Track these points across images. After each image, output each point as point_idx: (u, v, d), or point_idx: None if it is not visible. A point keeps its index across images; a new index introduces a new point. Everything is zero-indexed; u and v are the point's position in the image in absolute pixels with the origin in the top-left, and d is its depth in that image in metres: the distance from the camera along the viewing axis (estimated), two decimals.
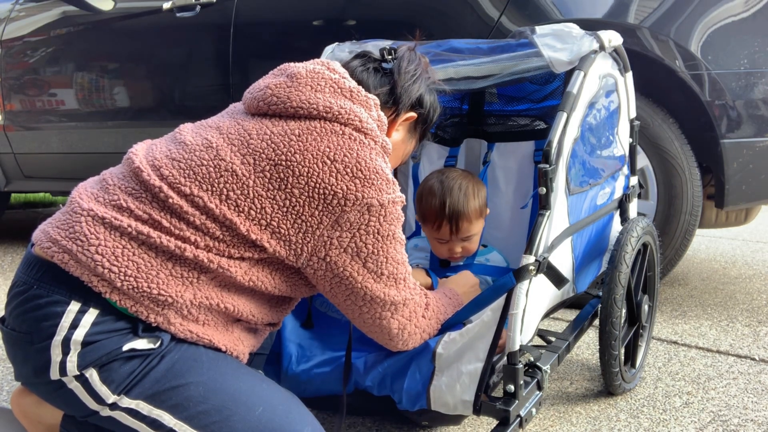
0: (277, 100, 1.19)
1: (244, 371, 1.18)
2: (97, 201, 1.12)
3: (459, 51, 1.73)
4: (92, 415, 1.11)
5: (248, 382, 1.15)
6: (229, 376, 1.14)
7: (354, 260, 1.18)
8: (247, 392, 1.13)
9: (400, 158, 1.46)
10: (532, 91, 1.94)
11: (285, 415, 1.13)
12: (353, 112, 1.20)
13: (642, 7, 2.27)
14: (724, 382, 1.83)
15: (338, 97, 1.21)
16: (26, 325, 1.09)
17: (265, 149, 1.14)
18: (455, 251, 1.75)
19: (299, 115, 1.19)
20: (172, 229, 1.09)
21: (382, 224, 1.19)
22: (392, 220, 1.20)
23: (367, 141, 1.20)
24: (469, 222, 1.72)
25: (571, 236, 1.51)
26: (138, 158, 1.15)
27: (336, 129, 1.18)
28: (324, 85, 1.22)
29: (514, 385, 1.28)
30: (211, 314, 1.15)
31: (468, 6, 2.44)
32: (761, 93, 2.25)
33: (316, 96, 1.19)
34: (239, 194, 1.11)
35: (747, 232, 4.05)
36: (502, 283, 1.28)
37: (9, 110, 3.68)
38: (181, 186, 1.11)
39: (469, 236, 1.74)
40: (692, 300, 2.61)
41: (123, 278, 1.06)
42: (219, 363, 1.15)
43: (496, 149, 2.05)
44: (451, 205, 1.70)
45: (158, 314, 1.09)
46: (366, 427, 1.59)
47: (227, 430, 1.09)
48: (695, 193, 2.34)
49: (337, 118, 1.19)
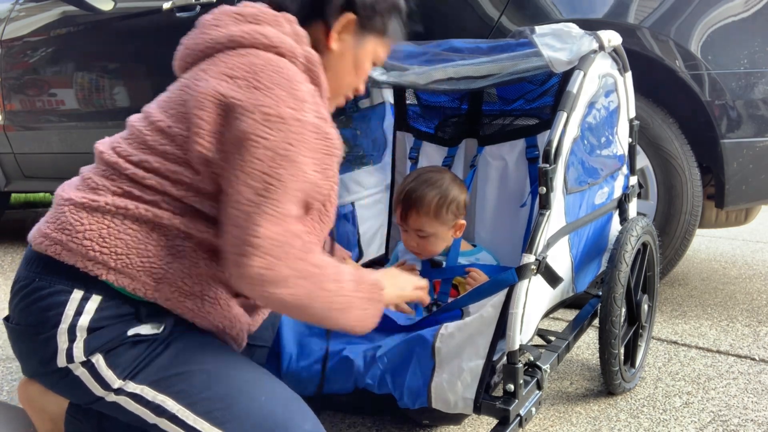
0: (190, 51, 1.19)
1: (248, 363, 1.19)
2: (76, 189, 1.16)
3: (459, 51, 1.74)
4: (97, 401, 1.13)
5: (252, 373, 1.16)
6: (234, 366, 1.15)
7: (240, 176, 1.06)
8: (251, 383, 1.14)
9: (353, 68, 1.30)
10: (529, 90, 1.95)
11: (286, 408, 1.14)
12: (257, 32, 1.14)
13: (642, 7, 2.27)
14: (724, 382, 1.83)
15: (241, 25, 1.16)
16: (32, 317, 1.11)
17: (179, 95, 1.14)
18: (409, 243, 1.75)
19: (207, 55, 1.17)
20: (144, 197, 1.12)
21: (279, 141, 1.05)
22: (296, 142, 1.07)
23: (275, 58, 1.12)
24: (418, 215, 1.71)
25: (568, 235, 1.51)
26: (102, 144, 1.21)
27: (240, 52, 1.13)
28: (226, 20, 1.18)
29: (513, 385, 1.28)
30: (205, 285, 1.15)
31: (468, 6, 2.45)
32: (761, 93, 2.25)
33: (218, 32, 1.16)
34: (168, 144, 1.13)
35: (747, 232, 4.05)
36: (503, 279, 1.28)
37: (9, 110, 3.68)
38: (131, 156, 1.14)
39: (419, 230, 1.73)
40: (692, 300, 2.61)
41: (115, 257, 1.09)
42: (224, 353, 1.17)
43: (488, 147, 2.06)
44: (408, 190, 1.71)
45: (155, 290, 1.11)
46: (366, 427, 1.59)
47: (229, 418, 1.10)
48: (695, 193, 2.34)
49: (241, 44, 1.14)
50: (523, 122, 2.00)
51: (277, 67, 1.10)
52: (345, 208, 2.08)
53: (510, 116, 2.02)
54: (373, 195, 2.21)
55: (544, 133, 1.94)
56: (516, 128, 2.01)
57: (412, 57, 1.78)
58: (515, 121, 2.01)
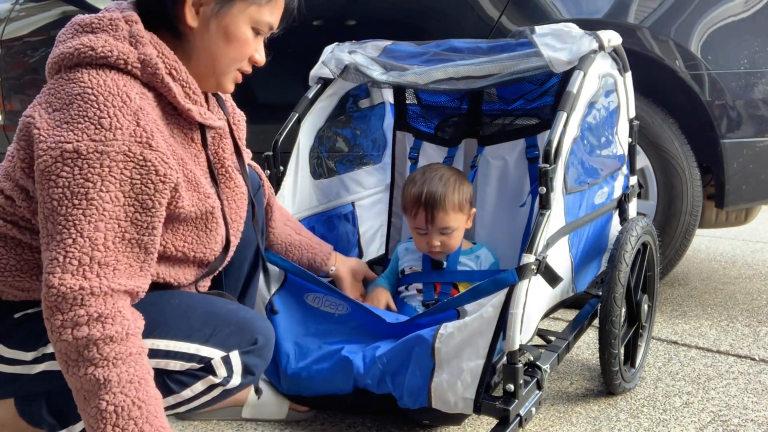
0: (46, 71, 1.13)
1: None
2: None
3: (459, 51, 1.74)
4: (29, 383, 1.18)
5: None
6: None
7: (41, 215, 1.01)
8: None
9: (225, 41, 1.16)
10: (529, 90, 1.95)
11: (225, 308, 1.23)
12: (85, 45, 1.06)
13: (642, 7, 2.27)
14: (724, 382, 1.83)
15: (78, 37, 1.09)
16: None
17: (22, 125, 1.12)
18: (433, 244, 1.74)
19: (52, 73, 1.11)
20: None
21: (75, 177, 0.99)
22: (90, 175, 0.99)
23: (96, 81, 1.04)
24: (445, 212, 1.71)
25: (567, 235, 1.51)
26: None
27: (65, 77, 1.06)
28: (68, 32, 1.12)
29: (514, 385, 1.28)
30: None
31: (468, 6, 2.45)
32: (761, 93, 2.25)
33: (58, 48, 1.10)
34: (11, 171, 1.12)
35: (747, 232, 4.05)
36: (503, 278, 1.28)
37: (9, 110, 3.68)
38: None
39: (446, 228, 1.73)
40: (692, 300, 2.61)
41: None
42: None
43: (488, 147, 2.05)
44: (428, 192, 1.71)
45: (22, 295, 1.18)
46: (366, 427, 1.59)
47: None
48: (695, 193, 2.34)
49: (70, 61, 1.07)
50: (523, 122, 2.00)
51: (92, 95, 1.03)
52: (345, 208, 2.08)
53: (510, 116, 2.02)
54: (373, 195, 2.21)
55: (544, 133, 1.94)
56: (516, 128, 2.01)
57: (412, 57, 1.78)
58: (515, 121, 2.01)
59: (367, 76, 1.79)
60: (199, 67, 1.18)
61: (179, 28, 1.15)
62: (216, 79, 1.21)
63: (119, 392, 0.97)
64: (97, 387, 0.96)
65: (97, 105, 1.02)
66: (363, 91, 2.11)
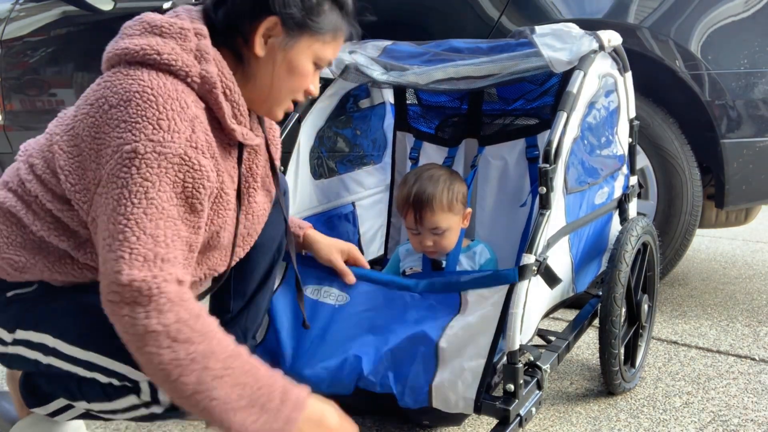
0: (105, 58, 1.13)
1: None
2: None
3: (459, 51, 1.73)
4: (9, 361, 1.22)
5: None
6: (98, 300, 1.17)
7: (102, 215, 1.03)
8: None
9: (287, 72, 1.19)
10: (529, 90, 1.95)
11: None
12: (152, 47, 1.08)
13: (642, 7, 2.27)
14: (724, 382, 1.83)
15: (146, 37, 1.11)
16: None
17: (73, 113, 1.13)
18: (426, 244, 1.73)
19: (111, 65, 1.12)
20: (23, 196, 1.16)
21: (134, 177, 1.00)
22: (149, 175, 1.01)
23: (156, 83, 1.06)
24: (433, 212, 1.70)
25: (568, 235, 1.51)
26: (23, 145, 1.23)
27: (123, 72, 1.08)
28: (136, 28, 1.13)
29: (514, 385, 1.28)
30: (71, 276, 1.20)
31: (468, 6, 2.45)
32: (761, 93, 2.25)
33: (123, 42, 1.11)
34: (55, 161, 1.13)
35: (747, 232, 4.05)
36: (504, 274, 1.28)
37: (9, 110, 3.68)
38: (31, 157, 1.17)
39: (436, 228, 1.72)
40: (692, 300, 2.61)
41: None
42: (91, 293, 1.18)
43: (488, 146, 2.05)
44: (416, 193, 1.70)
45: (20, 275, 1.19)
46: (366, 427, 1.59)
47: (93, 340, 1.14)
48: (695, 193, 2.34)
49: (132, 57, 1.09)
50: (523, 122, 2.00)
51: (151, 95, 1.04)
52: (345, 208, 2.08)
53: (510, 116, 2.02)
54: (373, 195, 2.21)
55: (545, 133, 1.94)
56: (516, 128, 2.01)
57: (412, 57, 1.78)
58: (515, 121, 2.01)
59: (368, 76, 1.79)
60: (255, 92, 1.20)
61: (243, 53, 1.18)
62: (269, 105, 1.23)
63: (227, 357, 1.01)
64: (205, 360, 0.99)
65: (155, 106, 1.04)
66: (363, 91, 2.11)
